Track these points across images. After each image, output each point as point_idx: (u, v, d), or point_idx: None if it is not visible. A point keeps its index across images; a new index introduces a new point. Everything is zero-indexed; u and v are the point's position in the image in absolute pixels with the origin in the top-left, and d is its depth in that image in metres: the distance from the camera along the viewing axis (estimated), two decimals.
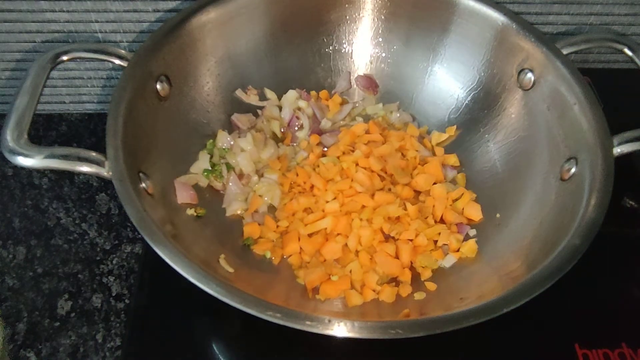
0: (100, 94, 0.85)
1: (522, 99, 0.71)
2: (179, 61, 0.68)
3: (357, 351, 0.59)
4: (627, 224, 0.74)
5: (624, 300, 0.67)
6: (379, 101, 0.81)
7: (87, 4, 0.74)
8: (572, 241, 0.54)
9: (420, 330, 0.48)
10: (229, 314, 0.60)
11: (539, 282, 0.51)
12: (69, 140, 0.82)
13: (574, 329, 0.63)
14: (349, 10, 0.77)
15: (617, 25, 0.85)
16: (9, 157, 0.54)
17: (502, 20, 0.70)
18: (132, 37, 0.78)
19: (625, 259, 0.70)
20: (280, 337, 0.58)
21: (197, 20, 0.68)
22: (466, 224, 0.69)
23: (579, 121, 0.63)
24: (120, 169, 0.55)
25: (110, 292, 0.67)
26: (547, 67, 0.67)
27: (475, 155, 0.75)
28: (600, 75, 0.83)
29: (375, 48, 0.80)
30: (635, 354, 0.61)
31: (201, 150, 0.72)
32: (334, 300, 0.62)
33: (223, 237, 0.66)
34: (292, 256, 0.66)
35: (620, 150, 0.60)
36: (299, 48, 0.78)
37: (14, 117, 0.56)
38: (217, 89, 0.74)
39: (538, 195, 0.66)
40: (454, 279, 0.64)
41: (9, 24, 0.75)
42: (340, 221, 0.66)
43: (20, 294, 0.66)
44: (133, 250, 0.70)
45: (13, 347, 0.62)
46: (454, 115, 0.78)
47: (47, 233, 0.72)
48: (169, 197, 0.64)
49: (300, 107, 0.78)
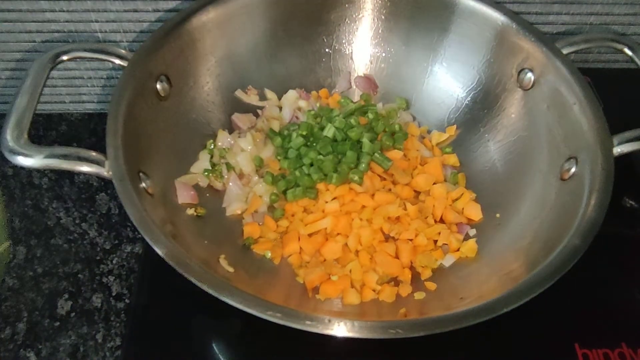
0: (100, 93, 0.85)
1: (522, 99, 0.71)
2: (179, 61, 0.68)
3: (357, 351, 0.59)
4: (627, 224, 0.74)
5: (624, 300, 0.66)
6: (379, 101, 0.81)
7: (87, 4, 0.74)
8: (572, 241, 0.54)
9: (420, 330, 0.48)
10: (229, 314, 0.60)
11: (539, 282, 0.51)
12: (69, 140, 0.82)
13: (574, 329, 0.63)
14: (349, 10, 0.77)
15: (617, 25, 0.85)
16: (9, 157, 0.54)
17: (502, 20, 0.70)
18: (132, 37, 0.78)
19: (625, 259, 0.70)
20: (280, 337, 0.58)
21: (197, 20, 0.68)
22: (466, 223, 0.69)
23: (579, 121, 0.63)
24: (120, 168, 0.55)
25: (110, 292, 0.67)
26: (547, 67, 0.68)
27: (475, 155, 0.75)
28: (600, 75, 0.83)
29: (375, 48, 0.80)
30: (635, 354, 0.61)
31: (201, 150, 0.72)
32: (334, 300, 0.62)
33: (223, 237, 0.66)
34: (292, 256, 0.66)
35: (620, 150, 0.60)
36: (299, 48, 0.79)
37: (14, 117, 0.56)
38: (217, 89, 0.74)
39: (538, 195, 0.66)
40: (453, 278, 0.64)
41: (9, 24, 0.75)
42: (340, 221, 0.66)
43: (20, 294, 0.66)
44: (133, 250, 0.70)
45: (13, 347, 0.62)
46: (454, 115, 0.78)
47: (47, 233, 0.72)
48: (169, 197, 0.64)
49: (300, 107, 0.78)
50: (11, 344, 0.62)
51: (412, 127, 0.78)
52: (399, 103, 0.80)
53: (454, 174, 0.74)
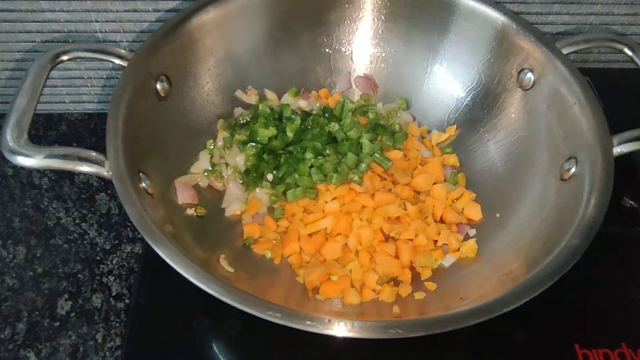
0: (100, 94, 0.85)
1: (522, 99, 0.71)
2: (179, 61, 0.68)
3: (357, 351, 0.59)
4: (627, 224, 0.74)
5: (624, 300, 0.67)
6: (379, 101, 0.81)
7: (87, 4, 0.74)
8: (572, 241, 0.54)
9: (420, 330, 0.48)
10: (229, 314, 0.60)
11: (539, 282, 0.51)
12: (69, 140, 0.82)
13: (574, 329, 0.63)
14: (348, 11, 0.77)
15: (617, 25, 0.85)
16: (9, 157, 0.54)
17: (502, 20, 0.70)
18: (132, 37, 0.78)
19: (625, 259, 0.70)
20: (280, 337, 0.58)
21: (197, 20, 0.68)
22: (466, 223, 0.69)
23: (579, 121, 0.63)
24: (120, 168, 0.55)
25: (110, 292, 0.67)
26: (547, 67, 0.68)
27: (475, 155, 0.75)
28: (600, 75, 0.83)
29: (375, 48, 0.80)
30: (635, 354, 0.61)
31: (201, 150, 0.72)
32: (334, 300, 0.62)
33: (223, 237, 0.66)
34: (292, 256, 0.66)
35: (620, 150, 0.60)
36: (299, 48, 0.79)
37: (14, 117, 0.56)
38: (217, 89, 0.74)
39: (538, 195, 0.66)
40: (453, 278, 0.64)
41: (9, 24, 0.75)
42: (340, 221, 0.66)
43: (20, 294, 0.66)
44: (133, 250, 0.70)
45: (13, 347, 0.62)
46: (454, 115, 0.78)
47: (47, 233, 0.72)
48: (169, 197, 0.64)
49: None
50: (11, 344, 0.62)
51: (412, 127, 0.78)
52: (399, 103, 0.80)
53: (454, 174, 0.74)
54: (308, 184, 0.69)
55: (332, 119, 0.75)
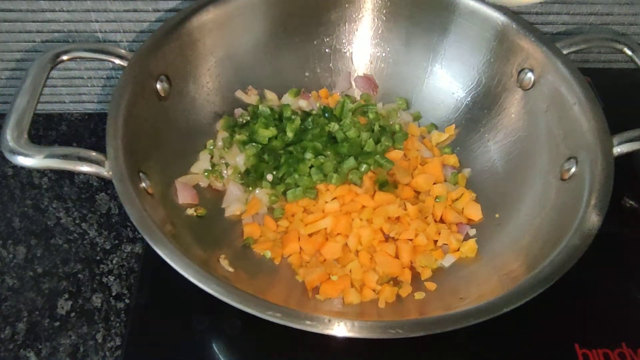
0: (100, 94, 0.85)
1: (522, 99, 0.71)
2: (179, 61, 0.68)
3: (357, 351, 0.59)
4: (627, 224, 0.74)
5: (624, 300, 0.67)
6: (379, 101, 0.81)
7: (87, 3, 0.74)
8: (572, 241, 0.54)
9: (420, 330, 0.48)
10: (229, 313, 0.60)
11: (538, 282, 0.51)
12: (69, 140, 0.82)
13: (574, 329, 0.63)
14: (349, 10, 0.77)
15: (617, 25, 0.85)
16: (9, 157, 0.54)
17: (502, 20, 0.70)
18: (132, 37, 0.78)
19: (625, 259, 0.70)
20: (280, 337, 0.58)
21: (197, 20, 0.68)
22: (466, 223, 0.69)
23: (579, 121, 0.63)
24: (120, 168, 0.55)
25: (110, 292, 0.67)
26: (547, 67, 0.68)
27: (475, 155, 0.75)
28: (600, 75, 0.83)
29: (375, 48, 0.80)
30: (635, 354, 0.61)
31: (201, 150, 0.72)
32: (334, 300, 0.62)
33: (223, 237, 0.66)
34: (292, 256, 0.66)
35: (620, 150, 0.60)
36: (299, 48, 0.79)
37: (14, 117, 0.56)
38: (217, 89, 0.74)
39: (538, 195, 0.66)
40: (453, 278, 0.64)
41: (9, 24, 0.75)
42: (340, 221, 0.66)
43: (20, 294, 0.66)
44: (133, 250, 0.70)
45: (13, 347, 0.62)
46: (454, 115, 0.78)
47: (47, 233, 0.72)
48: (169, 197, 0.64)
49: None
50: (11, 344, 0.62)
51: (412, 127, 0.78)
52: (399, 103, 0.80)
53: (454, 174, 0.74)
54: (308, 184, 0.69)
55: (332, 119, 0.75)
